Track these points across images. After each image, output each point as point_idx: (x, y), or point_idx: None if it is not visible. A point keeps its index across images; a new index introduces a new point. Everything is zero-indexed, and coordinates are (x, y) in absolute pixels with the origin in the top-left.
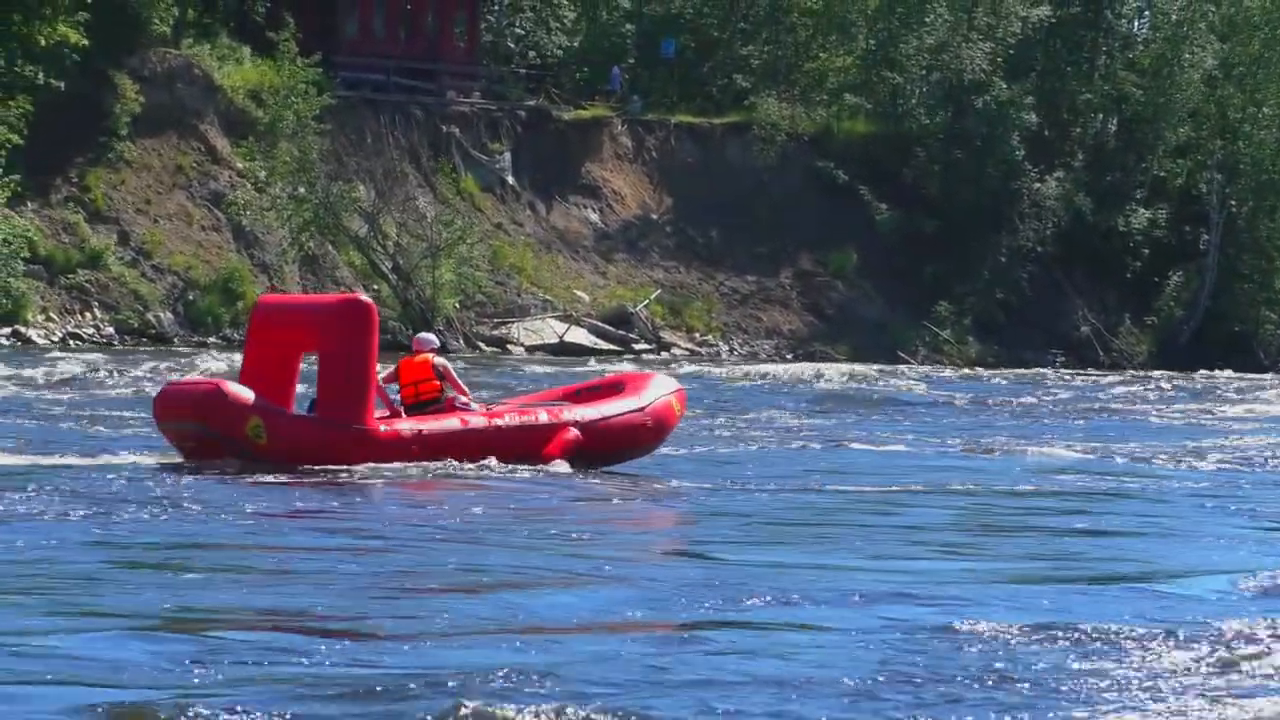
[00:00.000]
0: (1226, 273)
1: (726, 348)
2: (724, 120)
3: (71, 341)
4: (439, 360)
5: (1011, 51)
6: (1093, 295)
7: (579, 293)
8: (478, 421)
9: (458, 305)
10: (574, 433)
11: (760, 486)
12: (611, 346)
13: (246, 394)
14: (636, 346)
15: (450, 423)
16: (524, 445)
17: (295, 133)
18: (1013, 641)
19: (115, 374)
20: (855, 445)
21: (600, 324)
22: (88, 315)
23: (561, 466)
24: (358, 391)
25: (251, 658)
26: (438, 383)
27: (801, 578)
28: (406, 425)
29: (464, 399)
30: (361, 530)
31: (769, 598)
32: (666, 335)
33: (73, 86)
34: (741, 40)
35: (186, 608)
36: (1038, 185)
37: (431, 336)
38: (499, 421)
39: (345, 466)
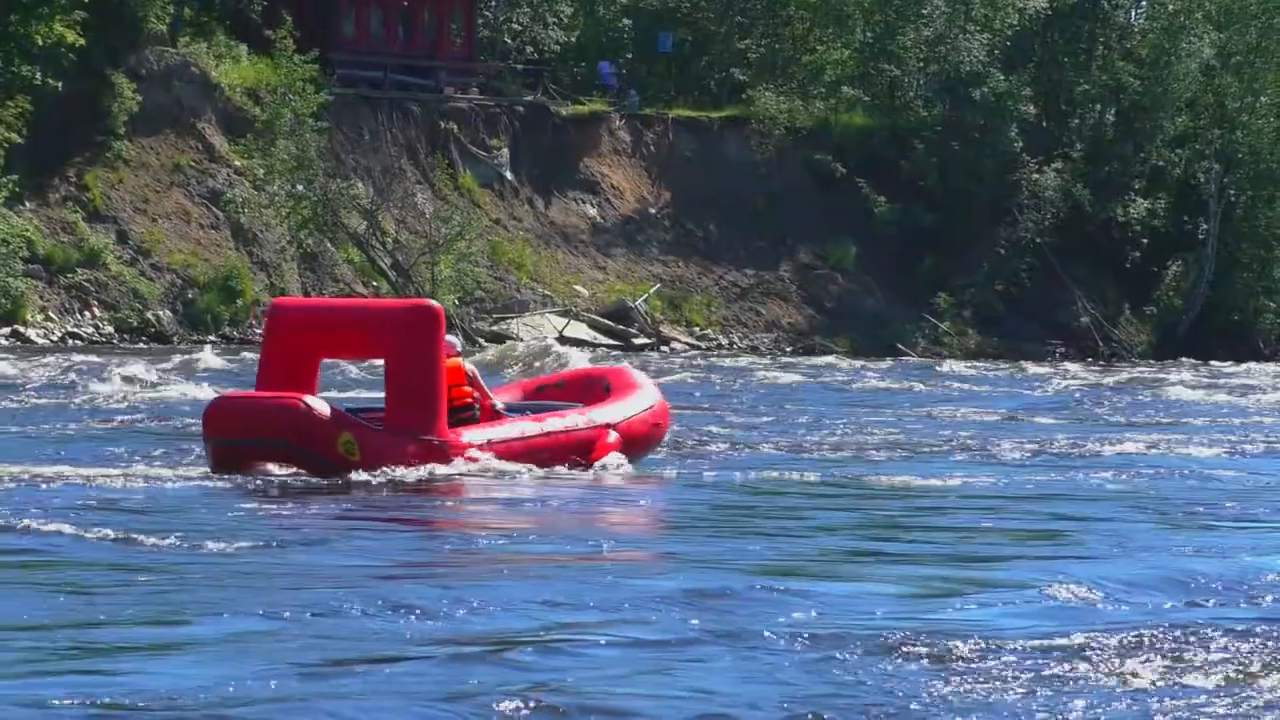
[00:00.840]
0: (1225, 262)
1: (726, 341)
2: (722, 114)
3: (71, 341)
4: (470, 365)
5: (1009, 43)
6: (1092, 286)
7: (578, 288)
8: (531, 428)
9: (457, 301)
10: (615, 435)
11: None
12: (612, 341)
13: (326, 408)
14: (636, 341)
15: (510, 430)
16: (577, 450)
17: (293, 130)
18: (873, 650)
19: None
20: (782, 442)
21: (600, 319)
22: (87, 314)
23: (626, 466)
24: (433, 401)
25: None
26: (469, 388)
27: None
28: (477, 434)
29: (499, 404)
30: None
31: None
32: (666, 329)
33: (70, 86)
34: (738, 34)
35: None
36: (1036, 176)
37: (456, 340)
38: (548, 427)
39: (435, 478)
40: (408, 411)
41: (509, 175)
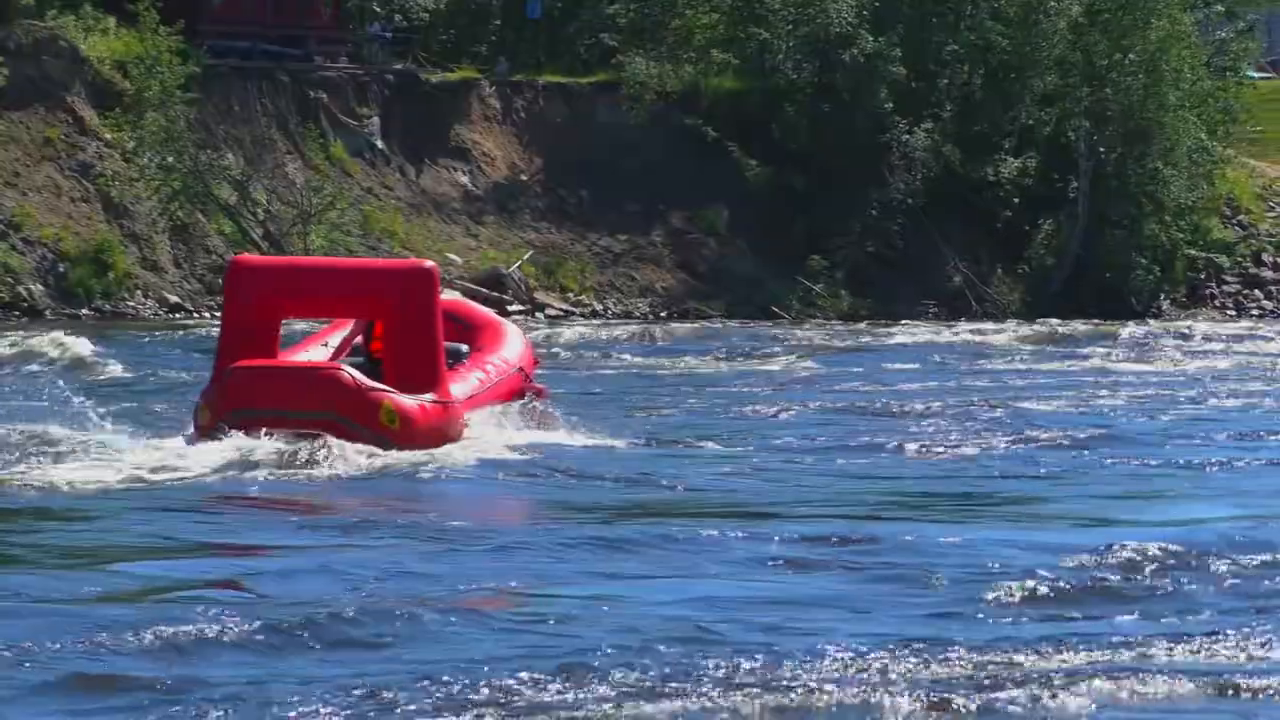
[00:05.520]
0: (1097, 220)
1: (601, 307)
2: (592, 79)
3: None
4: None
5: (878, 4)
6: (964, 246)
7: (451, 255)
8: (485, 377)
9: None
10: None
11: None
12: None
13: (364, 376)
14: (510, 308)
15: (473, 382)
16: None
17: (162, 102)
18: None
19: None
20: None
21: (473, 286)
22: None
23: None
24: (438, 364)
25: None
26: None
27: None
28: (459, 391)
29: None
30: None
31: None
32: (540, 296)
33: None
34: None
35: None
36: (906, 137)
37: None
38: (491, 376)
39: (451, 444)
40: (417, 375)
41: (380, 144)
